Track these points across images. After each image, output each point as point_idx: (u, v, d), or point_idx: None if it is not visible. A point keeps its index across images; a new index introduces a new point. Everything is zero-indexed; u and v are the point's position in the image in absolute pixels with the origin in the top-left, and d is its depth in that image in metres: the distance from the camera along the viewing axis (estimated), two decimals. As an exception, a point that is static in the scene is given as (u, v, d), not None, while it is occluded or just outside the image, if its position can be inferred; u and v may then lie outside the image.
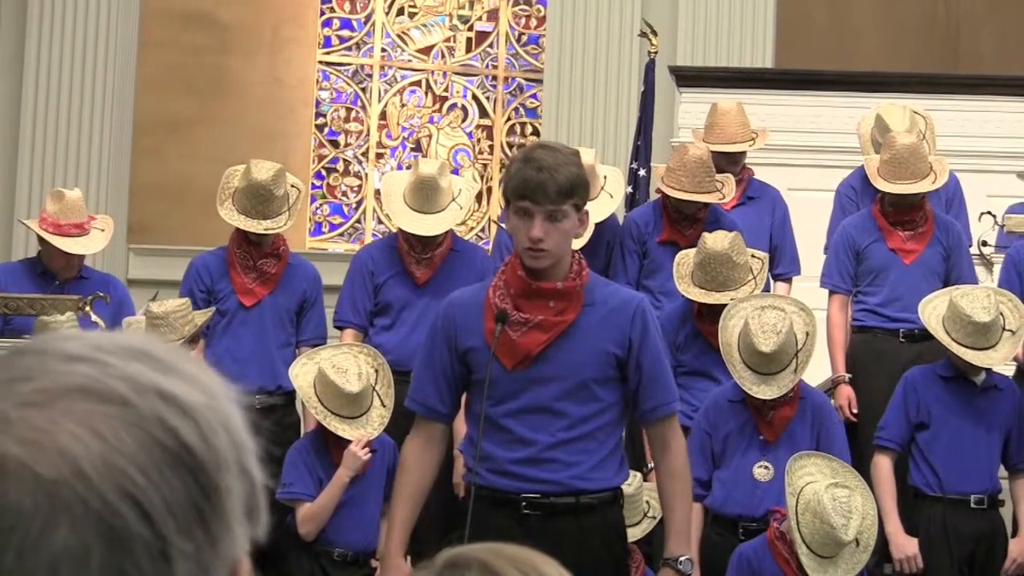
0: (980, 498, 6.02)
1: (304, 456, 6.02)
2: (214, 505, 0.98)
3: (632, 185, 8.36)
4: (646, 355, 4.29)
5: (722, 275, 6.29)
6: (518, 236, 4.23)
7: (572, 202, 4.19)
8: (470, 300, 4.37)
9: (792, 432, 5.80)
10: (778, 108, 8.70)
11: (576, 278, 4.28)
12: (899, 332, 6.80)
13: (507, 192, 4.25)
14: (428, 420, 4.39)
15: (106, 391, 0.97)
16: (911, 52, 10.79)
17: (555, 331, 4.26)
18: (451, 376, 4.34)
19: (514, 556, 1.33)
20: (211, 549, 0.98)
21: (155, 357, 1.01)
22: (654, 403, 4.33)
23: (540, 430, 4.25)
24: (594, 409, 4.27)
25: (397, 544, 4.35)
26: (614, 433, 4.36)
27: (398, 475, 4.47)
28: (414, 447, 4.42)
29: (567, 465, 4.25)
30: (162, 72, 10.89)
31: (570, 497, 4.26)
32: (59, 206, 6.88)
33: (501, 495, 4.25)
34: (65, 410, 0.96)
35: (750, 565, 5.48)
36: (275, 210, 6.68)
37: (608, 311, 4.30)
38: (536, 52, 11.52)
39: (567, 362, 4.25)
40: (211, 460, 0.99)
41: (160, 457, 0.97)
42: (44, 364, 0.99)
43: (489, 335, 4.25)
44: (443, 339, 4.34)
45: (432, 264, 6.64)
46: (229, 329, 6.70)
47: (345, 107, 11.60)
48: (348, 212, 11.59)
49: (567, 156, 4.26)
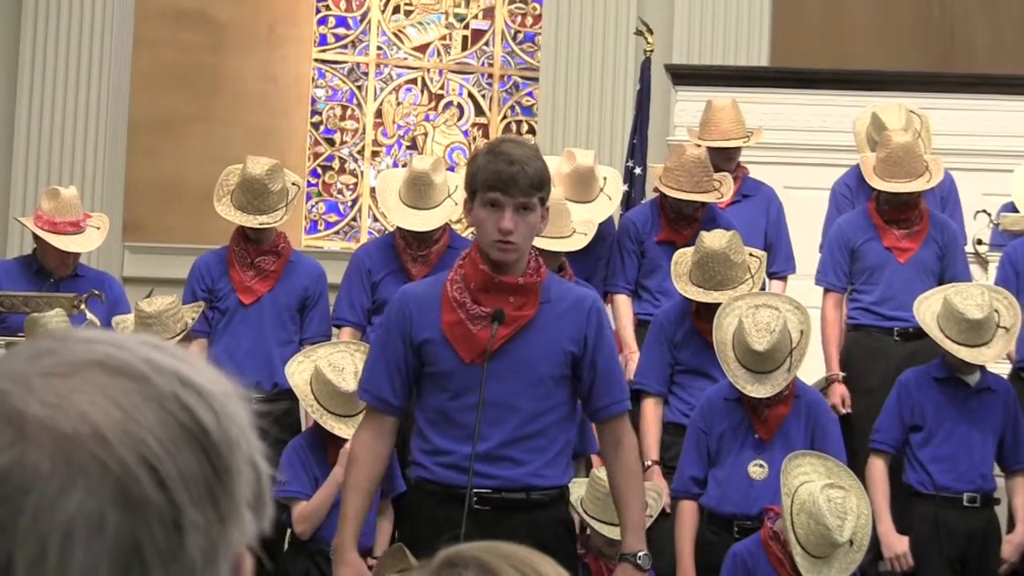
0: (973, 497, 6.03)
1: (300, 455, 6.01)
2: (225, 485, 1.00)
3: (628, 183, 8.36)
4: (600, 353, 4.32)
5: (720, 274, 6.29)
6: (486, 228, 4.23)
7: (540, 195, 4.22)
8: (425, 292, 4.37)
9: (787, 430, 5.80)
10: (773, 106, 8.71)
11: (535, 274, 4.30)
12: (893, 330, 6.80)
13: (476, 184, 4.24)
14: (379, 412, 4.37)
15: (126, 366, 0.99)
16: (906, 51, 10.80)
17: (514, 326, 4.27)
18: (404, 369, 4.33)
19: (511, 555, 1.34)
20: (220, 527, 0.99)
21: (171, 351, 1.03)
22: (608, 400, 4.36)
23: (495, 426, 4.25)
24: (547, 406, 4.30)
25: (350, 537, 4.32)
26: (564, 431, 4.38)
27: (348, 467, 4.43)
28: (365, 438, 4.38)
29: (518, 463, 4.27)
30: (157, 70, 10.89)
31: (521, 493, 4.29)
32: (54, 204, 6.87)
33: (451, 490, 4.25)
34: (86, 380, 0.98)
35: (744, 565, 5.48)
36: (271, 205, 6.67)
37: (564, 309, 4.32)
38: (532, 50, 11.52)
39: (524, 358, 4.27)
40: (224, 442, 1.00)
41: (177, 432, 0.98)
42: (66, 344, 1.01)
43: (447, 327, 4.26)
44: (397, 331, 4.33)
45: (429, 261, 6.62)
46: (229, 327, 6.70)
47: (341, 105, 11.60)
48: (344, 210, 11.59)
49: (533, 150, 4.33)
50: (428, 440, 4.32)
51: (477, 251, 4.31)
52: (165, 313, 6.37)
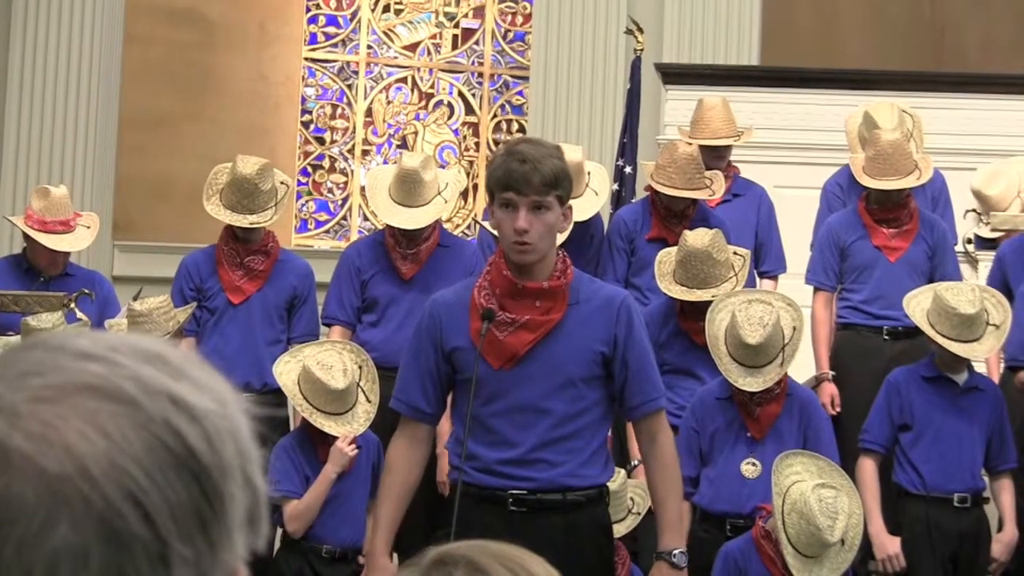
0: (963, 497, 6.03)
1: (290, 454, 6.01)
2: (216, 511, 0.98)
3: (618, 182, 8.36)
4: (632, 351, 4.30)
5: (703, 272, 6.28)
6: (503, 230, 4.23)
7: (556, 194, 4.19)
8: (454, 300, 4.36)
9: (779, 429, 5.80)
10: (764, 105, 8.71)
11: (561, 277, 4.28)
12: (883, 329, 6.80)
13: (491, 185, 4.25)
14: (413, 420, 4.40)
15: (115, 390, 0.97)
16: (896, 50, 10.81)
17: (542, 331, 4.26)
18: (436, 376, 4.34)
19: (501, 553, 1.33)
20: (211, 555, 0.98)
21: (168, 361, 1.01)
22: (641, 399, 4.33)
23: (527, 430, 4.25)
24: (580, 407, 4.28)
25: (382, 543, 4.35)
26: (600, 431, 4.36)
27: (384, 475, 4.47)
28: (400, 447, 4.42)
29: (553, 465, 4.25)
30: (147, 68, 10.87)
31: (557, 494, 4.26)
32: (44, 203, 6.86)
33: (487, 492, 4.25)
34: (74, 407, 0.96)
35: (736, 564, 5.48)
36: (261, 204, 6.66)
37: (593, 309, 4.30)
38: (522, 49, 11.52)
39: (554, 361, 4.25)
40: (216, 466, 0.99)
41: (165, 459, 0.97)
42: (56, 360, 0.99)
43: (475, 335, 4.25)
44: (428, 339, 4.33)
45: (419, 259, 6.61)
46: (218, 327, 6.69)
47: (331, 104, 11.59)
48: (334, 209, 11.58)
49: (550, 149, 4.28)
50: (462, 445, 4.31)
51: (502, 256, 4.30)
52: (157, 311, 6.36)
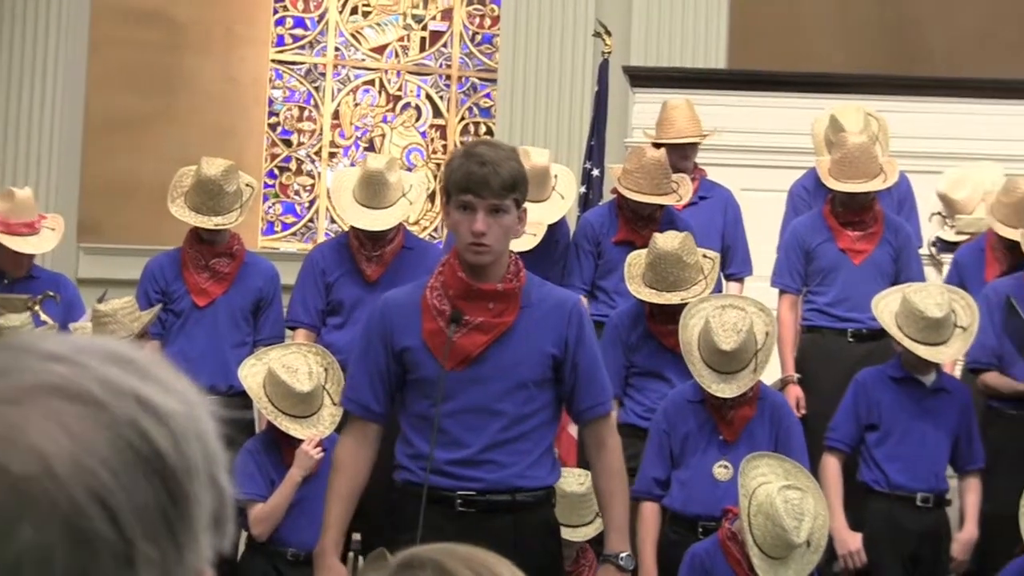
0: (926, 496, 6.06)
1: (255, 456, 5.99)
2: (181, 512, 0.98)
3: (586, 185, 8.37)
4: (582, 355, 4.32)
5: (672, 275, 6.29)
6: (460, 231, 4.23)
7: (513, 197, 4.20)
8: (405, 300, 4.36)
9: (751, 432, 5.81)
10: (731, 108, 8.72)
11: (514, 279, 4.29)
12: (848, 332, 6.83)
13: (449, 187, 4.25)
14: (362, 420, 4.38)
15: (81, 391, 0.97)
16: (864, 54, 10.85)
17: (494, 333, 4.27)
18: (387, 376, 4.34)
19: (468, 557, 1.33)
20: (176, 556, 0.97)
21: (135, 363, 1.01)
22: (590, 402, 4.36)
23: (478, 431, 4.26)
24: (531, 409, 4.29)
25: (331, 544, 4.34)
26: (548, 433, 4.38)
27: (332, 474, 4.43)
28: (348, 446, 4.40)
29: (503, 465, 4.26)
30: (114, 70, 10.83)
31: (506, 495, 4.27)
32: (9, 205, 6.83)
33: (436, 493, 4.24)
34: (39, 408, 0.95)
35: (702, 565, 5.48)
36: (226, 207, 6.64)
37: (545, 312, 4.31)
38: (490, 52, 11.52)
39: (506, 363, 4.26)
40: (182, 467, 0.98)
41: (131, 460, 0.96)
42: (21, 361, 0.98)
43: (427, 335, 4.26)
44: (378, 339, 4.33)
45: (383, 261, 6.60)
46: (184, 329, 6.66)
47: (298, 106, 11.57)
48: (301, 211, 11.56)
49: (508, 152, 4.30)
50: (412, 445, 4.30)
51: (456, 257, 4.30)
52: (121, 311, 6.34)
